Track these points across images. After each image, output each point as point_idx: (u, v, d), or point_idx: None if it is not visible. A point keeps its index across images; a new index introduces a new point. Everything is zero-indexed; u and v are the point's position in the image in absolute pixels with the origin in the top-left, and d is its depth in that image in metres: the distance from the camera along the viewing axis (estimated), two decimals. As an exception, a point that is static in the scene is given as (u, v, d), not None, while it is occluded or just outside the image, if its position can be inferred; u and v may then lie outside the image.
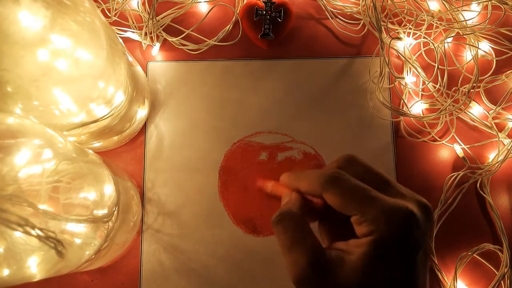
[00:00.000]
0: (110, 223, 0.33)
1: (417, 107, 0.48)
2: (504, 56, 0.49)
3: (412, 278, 0.26)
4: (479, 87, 0.49)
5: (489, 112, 0.48)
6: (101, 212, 0.31)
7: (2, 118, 0.26)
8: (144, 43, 0.49)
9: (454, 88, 0.49)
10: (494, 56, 0.49)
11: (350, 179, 0.27)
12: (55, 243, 0.26)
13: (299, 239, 0.27)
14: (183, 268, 0.44)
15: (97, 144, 0.43)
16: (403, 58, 0.49)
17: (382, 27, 0.47)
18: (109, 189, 0.34)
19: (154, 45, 0.49)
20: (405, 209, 0.26)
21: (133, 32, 0.49)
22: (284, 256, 0.28)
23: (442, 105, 0.47)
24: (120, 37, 0.49)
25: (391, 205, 0.26)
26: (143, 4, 0.50)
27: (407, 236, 0.25)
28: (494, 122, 0.48)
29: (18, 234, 0.24)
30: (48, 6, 0.26)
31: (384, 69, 0.47)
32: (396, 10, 0.50)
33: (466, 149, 0.47)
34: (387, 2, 0.50)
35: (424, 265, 0.27)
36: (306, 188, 0.30)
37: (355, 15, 0.51)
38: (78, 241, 0.29)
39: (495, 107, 0.47)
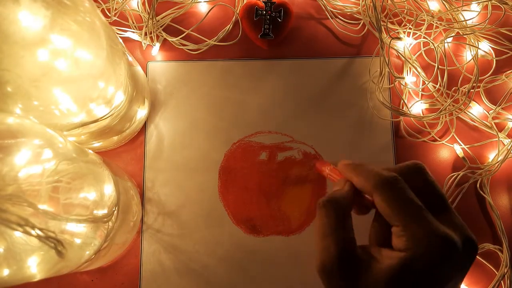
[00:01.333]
0: (110, 223, 0.33)
1: (417, 107, 0.48)
2: (504, 56, 0.49)
3: None
4: (479, 87, 0.49)
5: (489, 112, 0.48)
6: (101, 212, 0.31)
7: (2, 118, 0.26)
8: (144, 43, 0.49)
9: (454, 88, 0.49)
10: (494, 56, 0.49)
11: (405, 190, 0.27)
12: (55, 243, 0.26)
13: (337, 229, 0.27)
14: (183, 268, 0.44)
15: (97, 144, 0.43)
16: (403, 58, 0.49)
17: (382, 27, 0.47)
18: (109, 189, 0.34)
19: (154, 45, 0.49)
20: (449, 239, 0.25)
21: (133, 32, 0.49)
22: (317, 241, 0.27)
23: (442, 105, 0.47)
24: (120, 37, 0.49)
25: (436, 230, 0.25)
26: (143, 4, 0.50)
27: (440, 265, 0.24)
28: (494, 122, 0.47)
29: (18, 234, 0.24)
30: (48, 6, 0.26)
31: (384, 69, 0.47)
32: (396, 10, 0.50)
33: (466, 149, 0.47)
34: (387, 2, 0.50)
35: None
36: (359, 183, 0.29)
37: (355, 15, 0.51)
38: (78, 241, 0.29)
39: (495, 107, 0.47)
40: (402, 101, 0.48)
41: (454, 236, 0.25)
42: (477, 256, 0.44)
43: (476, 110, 0.49)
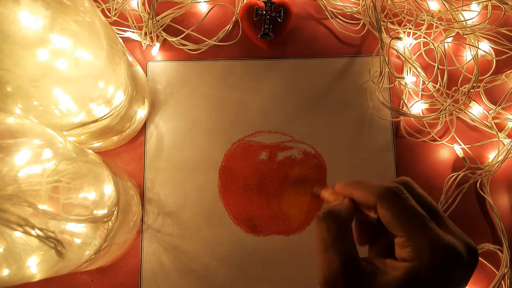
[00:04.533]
0: (110, 223, 0.33)
1: (417, 107, 0.48)
2: (504, 56, 0.49)
3: None
4: (479, 87, 0.49)
5: (489, 112, 0.48)
6: (101, 212, 0.31)
7: (2, 118, 0.26)
8: (144, 43, 0.49)
9: (454, 88, 0.49)
10: (494, 56, 0.49)
11: (409, 199, 0.27)
12: (55, 243, 0.26)
13: (338, 241, 0.27)
14: (183, 268, 0.44)
15: (97, 144, 0.43)
16: (403, 58, 0.49)
17: (382, 27, 0.47)
18: (109, 189, 0.34)
19: (154, 45, 0.49)
20: (454, 248, 0.25)
21: (133, 32, 0.49)
22: (319, 254, 0.27)
23: (442, 105, 0.47)
24: (120, 37, 0.49)
25: (441, 240, 0.25)
26: (143, 4, 0.50)
27: (447, 275, 0.24)
28: (494, 122, 0.47)
29: (18, 234, 0.24)
30: (48, 6, 0.26)
31: (384, 69, 0.47)
32: (396, 10, 0.50)
33: (466, 149, 0.47)
34: (387, 2, 0.50)
35: None
36: (361, 196, 0.29)
37: (355, 15, 0.51)
38: (78, 241, 0.29)
39: (495, 107, 0.47)
40: (402, 101, 0.48)
41: (458, 245, 0.25)
42: (477, 256, 0.44)
43: (476, 110, 0.49)
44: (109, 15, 0.48)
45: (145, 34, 0.49)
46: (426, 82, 0.48)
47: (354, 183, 0.30)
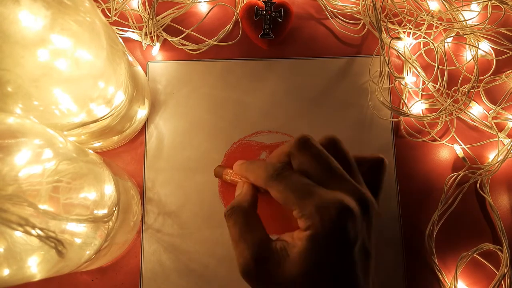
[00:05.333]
0: (110, 223, 0.33)
1: (417, 107, 0.48)
2: (504, 56, 0.49)
3: (351, 274, 0.26)
4: (479, 87, 0.49)
5: (489, 112, 0.48)
6: (101, 212, 0.31)
7: (2, 118, 0.26)
8: (144, 43, 0.49)
9: (454, 88, 0.49)
10: (494, 56, 0.49)
11: (292, 175, 0.28)
12: (55, 243, 0.26)
13: (245, 232, 0.28)
14: (184, 268, 0.44)
15: (97, 144, 0.43)
16: (403, 58, 0.49)
17: (382, 27, 0.47)
18: (109, 189, 0.34)
19: (154, 45, 0.49)
20: (338, 203, 0.26)
21: (133, 32, 0.49)
22: (233, 249, 0.29)
23: (442, 105, 0.48)
24: (120, 37, 0.49)
25: (326, 200, 0.26)
26: (143, 4, 0.50)
27: (340, 231, 0.25)
28: (494, 122, 0.48)
29: (18, 234, 0.24)
30: (48, 6, 0.26)
31: (384, 69, 0.47)
32: (396, 10, 0.50)
33: (466, 149, 0.47)
34: (387, 2, 0.50)
35: (363, 259, 0.27)
36: (254, 181, 0.31)
37: (355, 15, 0.51)
38: (78, 241, 0.29)
39: (495, 107, 0.47)
40: (402, 101, 0.48)
41: (346, 200, 0.26)
42: (478, 256, 0.44)
43: (476, 110, 0.49)
44: (109, 15, 0.48)
45: (145, 34, 0.49)
46: (426, 82, 0.48)
47: (247, 165, 0.32)
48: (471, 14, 0.49)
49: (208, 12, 0.50)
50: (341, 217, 0.25)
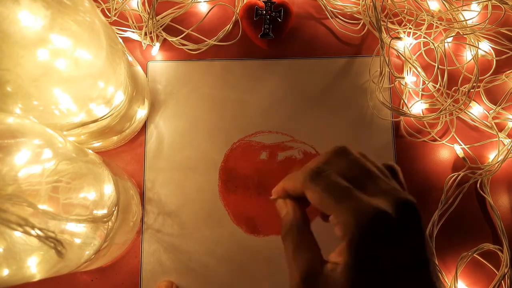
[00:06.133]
0: (110, 223, 0.33)
1: (417, 107, 0.48)
2: (504, 56, 0.49)
3: (397, 280, 0.23)
4: (479, 87, 0.49)
5: (489, 112, 0.48)
6: (100, 212, 0.31)
7: (2, 118, 0.26)
8: (144, 43, 0.49)
9: (454, 88, 0.49)
10: (494, 56, 0.49)
11: (331, 175, 0.26)
12: (55, 243, 0.25)
13: (296, 253, 0.27)
14: (183, 268, 0.44)
15: (97, 144, 0.43)
16: (403, 58, 0.49)
17: (382, 27, 0.47)
18: (108, 189, 0.34)
19: (154, 45, 0.49)
20: (376, 208, 0.24)
21: (133, 32, 0.49)
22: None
23: (442, 105, 0.47)
24: (120, 37, 0.49)
25: (362, 205, 0.24)
26: (143, 4, 0.50)
27: (379, 239, 0.23)
28: (494, 122, 0.47)
29: (18, 234, 0.24)
30: (48, 6, 0.26)
31: (384, 69, 0.47)
32: (396, 10, 0.50)
33: (466, 149, 0.47)
34: (387, 2, 0.50)
35: (412, 266, 0.24)
36: (291, 189, 0.29)
37: (355, 15, 0.51)
38: (78, 241, 0.29)
39: (495, 107, 0.47)
40: (402, 101, 0.48)
41: (381, 205, 0.24)
42: (478, 256, 0.44)
43: (476, 110, 0.49)
44: (109, 15, 0.48)
45: (145, 34, 0.49)
46: (426, 82, 0.48)
47: (284, 179, 0.30)
48: (471, 14, 0.49)
49: (208, 12, 0.50)
50: (376, 224, 0.23)
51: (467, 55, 0.50)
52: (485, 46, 0.50)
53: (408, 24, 0.50)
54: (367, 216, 0.24)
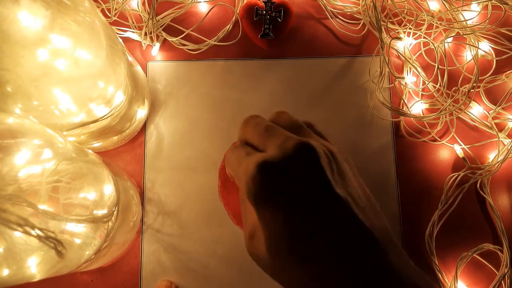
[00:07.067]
0: (110, 223, 0.33)
1: (417, 107, 0.48)
2: (504, 56, 0.49)
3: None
4: (479, 87, 0.49)
5: (489, 112, 0.48)
6: (101, 212, 0.31)
7: (2, 118, 0.26)
8: (144, 43, 0.49)
9: (454, 88, 0.49)
10: (494, 56, 0.49)
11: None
12: (55, 243, 0.26)
13: (244, 156, 0.28)
14: (183, 268, 0.44)
15: (97, 144, 0.43)
16: (403, 58, 0.49)
17: (382, 27, 0.47)
18: (109, 189, 0.34)
19: (154, 45, 0.49)
20: (254, 162, 0.25)
21: (133, 32, 0.49)
22: (236, 175, 0.28)
23: (442, 105, 0.47)
24: (120, 37, 0.49)
25: (248, 165, 0.26)
26: (143, 4, 0.50)
27: (269, 182, 0.25)
28: (494, 122, 0.47)
29: (18, 234, 0.24)
30: (48, 6, 0.26)
31: (384, 69, 0.47)
32: (396, 10, 0.50)
33: (466, 149, 0.47)
34: (387, 2, 0.50)
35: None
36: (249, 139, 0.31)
37: (355, 15, 0.51)
38: (78, 241, 0.29)
39: (495, 107, 0.47)
40: (402, 101, 0.48)
41: (266, 155, 0.26)
42: (478, 256, 0.44)
43: (476, 110, 0.49)
44: (109, 15, 0.48)
45: (145, 34, 0.49)
46: (426, 82, 0.48)
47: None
48: (471, 14, 0.49)
49: (208, 12, 0.50)
50: (261, 171, 0.24)
51: (467, 55, 0.50)
52: (485, 46, 0.50)
53: (408, 24, 0.50)
54: (252, 172, 0.25)
